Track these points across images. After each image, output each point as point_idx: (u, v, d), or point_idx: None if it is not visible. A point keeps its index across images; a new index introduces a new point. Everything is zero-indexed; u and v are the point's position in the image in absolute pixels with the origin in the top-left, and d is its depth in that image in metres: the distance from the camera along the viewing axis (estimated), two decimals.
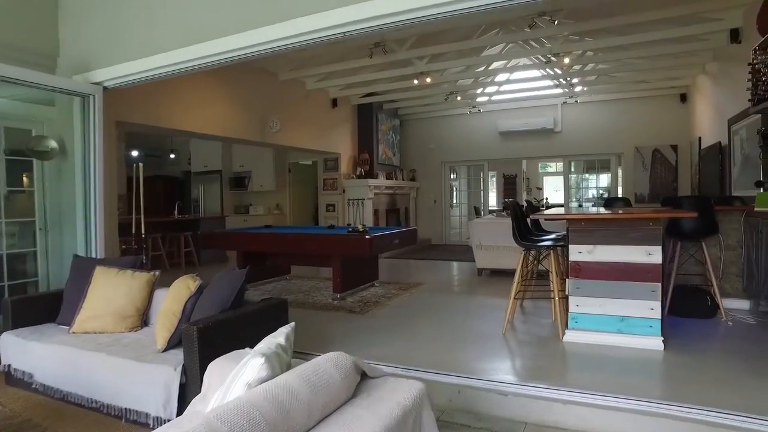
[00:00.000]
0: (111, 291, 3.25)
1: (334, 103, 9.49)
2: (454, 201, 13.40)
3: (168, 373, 2.54)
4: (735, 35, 5.88)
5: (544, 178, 17.36)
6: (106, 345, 2.93)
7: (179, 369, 2.52)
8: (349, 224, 9.51)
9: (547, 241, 4.29)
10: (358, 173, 9.74)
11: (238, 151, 10.86)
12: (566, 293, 3.78)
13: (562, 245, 4.01)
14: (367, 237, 5.08)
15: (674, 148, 9.63)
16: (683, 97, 9.47)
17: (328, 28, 3.12)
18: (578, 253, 3.70)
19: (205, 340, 2.44)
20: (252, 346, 1.70)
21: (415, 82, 7.99)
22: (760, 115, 4.69)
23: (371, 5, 2.95)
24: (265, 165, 10.52)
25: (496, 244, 6.77)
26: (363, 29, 3.10)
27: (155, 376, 2.56)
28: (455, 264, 8.52)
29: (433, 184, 11.84)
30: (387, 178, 10.59)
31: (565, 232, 3.88)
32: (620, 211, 3.96)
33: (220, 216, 10.39)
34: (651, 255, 3.48)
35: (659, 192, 9.77)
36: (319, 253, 5.71)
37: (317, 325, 4.49)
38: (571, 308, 3.74)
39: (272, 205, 10.74)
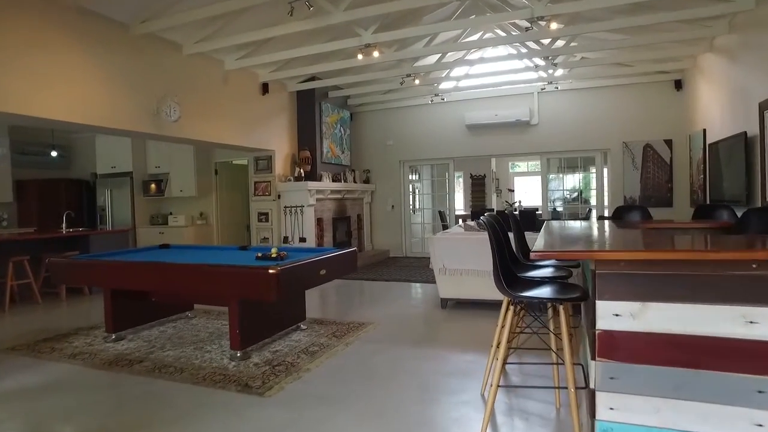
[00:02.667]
0: None
1: (265, 88, 7.69)
2: (416, 205, 11.78)
3: None
4: None
5: (515, 178, 15.96)
6: None
7: None
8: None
9: (544, 287, 2.65)
10: (296, 175, 7.97)
11: (154, 149, 8.92)
12: (590, 384, 2.14)
13: (575, 298, 2.37)
14: (271, 272, 3.33)
15: (668, 143, 8.25)
16: (678, 84, 8.10)
17: None
18: (613, 316, 2.06)
19: None
20: None
21: (360, 57, 6.28)
22: None
23: None
24: (185, 165, 8.63)
25: (463, 267, 5.13)
26: None
27: None
28: (415, 288, 6.85)
29: (391, 187, 10.18)
30: (334, 180, 8.86)
31: (582, 273, 2.25)
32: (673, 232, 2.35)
33: (129, 228, 8.44)
34: (755, 324, 1.87)
35: (652, 194, 8.38)
36: (208, 292, 3.94)
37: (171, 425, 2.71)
38: (601, 412, 2.09)
39: (195, 214, 8.85)
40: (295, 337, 4.35)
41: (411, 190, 10.52)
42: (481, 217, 2.84)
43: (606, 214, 8.74)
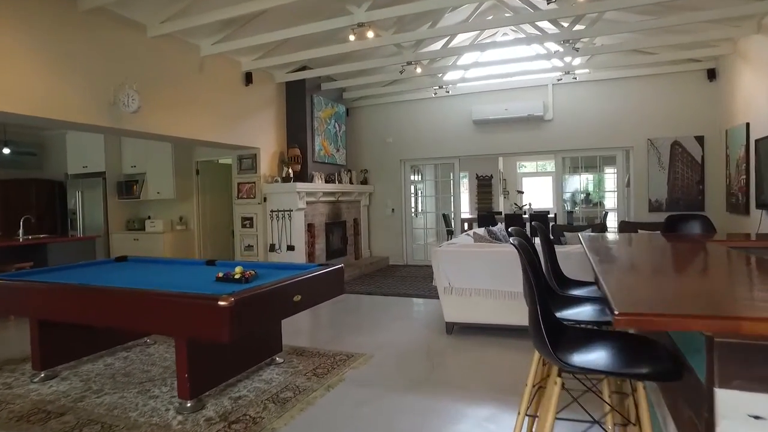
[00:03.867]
0: None
1: (248, 78, 6.86)
2: (419, 208, 10.94)
3: None
4: None
5: (523, 179, 15.09)
6: None
7: None
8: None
9: (604, 343, 1.81)
10: (284, 175, 7.14)
11: (130, 147, 8.11)
12: None
13: (665, 375, 1.51)
14: (221, 304, 2.49)
15: (699, 140, 7.38)
16: (711, 74, 7.23)
17: None
18: (749, 419, 1.22)
19: None
20: None
21: (352, 38, 5.44)
22: None
23: None
24: (162, 165, 7.81)
25: (473, 286, 4.29)
26: None
27: None
28: (417, 305, 6.00)
29: (391, 189, 9.34)
30: (327, 181, 8.03)
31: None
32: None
33: (98, 235, 7.64)
34: None
35: (680, 197, 7.52)
36: (147, 327, 3.11)
37: None
38: None
39: (175, 218, 8.03)
40: (266, 376, 3.52)
41: (413, 191, 9.68)
42: (511, 239, 1.98)
43: (631, 218, 7.87)
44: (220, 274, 3.34)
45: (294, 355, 3.99)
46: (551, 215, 10.93)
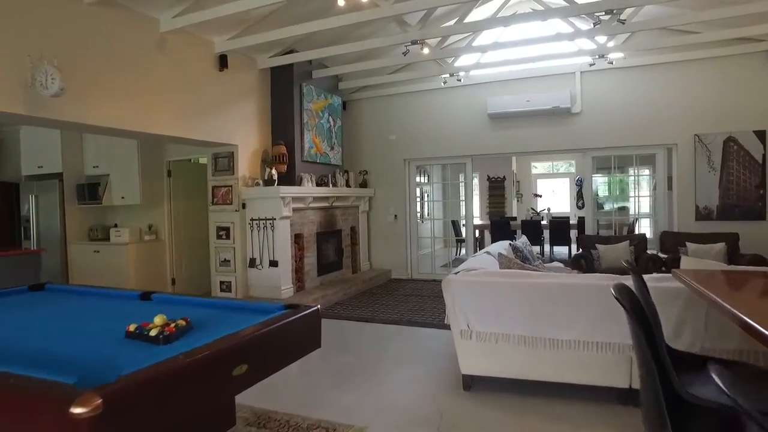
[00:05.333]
0: None
1: (223, 61, 5.76)
2: (425, 214, 9.83)
3: None
4: None
5: (538, 181, 13.93)
6: None
7: None
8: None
9: None
10: (267, 177, 6.03)
11: (92, 144, 7.03)
12: None
13: None
14: (75, 414, 1.37)
15: (760, 135, 6.23)
16: None
17: None
18: None
19: None
20: None
21: (341, 2, 4.32)
22: None
23: None
24: (127, 165, 6.72)
25: (501, 329, 3.15)
26: None
27: None
28: (425, 340, 4.87)
29: (394, 192, 8.21)
30: (319, 184, 6.92)
31: None
32: None
33: (43, 249, 6.57)
34: None
35: (736, 204, 6.36)
36: None
37: None
38: None
39: (144, 227, 6.94)
40: None
41: (418, 195, 8.56)
42: (614, 289, 0.85)
43: (673, 228, 6.72)
44: (132, 327, 2.22)
45: (254, 427, 2.87)
46: (572, 221, 9.78)
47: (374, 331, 5.07)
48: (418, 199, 8.57)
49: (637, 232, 8.53)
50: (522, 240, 5.20)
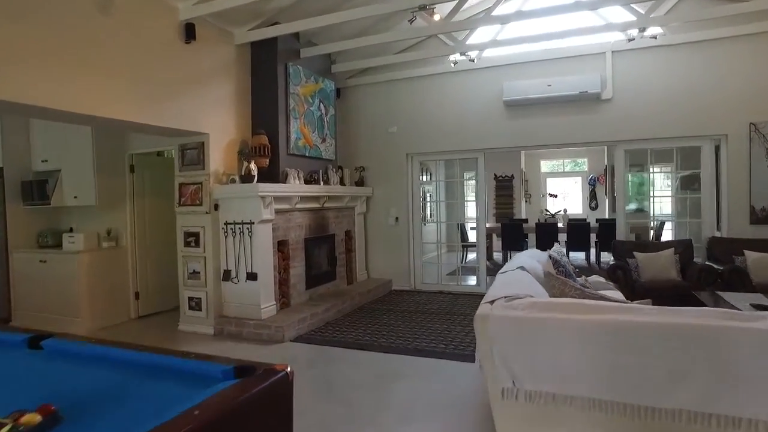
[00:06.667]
0: None
1: (190, 31, 4.74)
2: (428, 215, 8.85)
3: None
4: None
5: (548, 180, 12.96)
6: None
7: None
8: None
9: None
10: (245, 173, 5.01)
11: (42, 134, 5.98)
12: None
13: None
14: None
15: None
16: None
17: None
18: None
19: None
20: None
21: None
22: None
23: None
24: (80, 158, 5.68)
25: (562, 389, 2.15)
26: None
27: None
28: (439, 374, 3.85)
29: (395, 191, 7.21)
30: (309, 181, 5.91)
31: None
32: None
33: None
34: None
35: None
36: None
37: None
38: None
39: (103, 231, 5.89)
40: None
41: (422, 194, 7.56)
42: None
43: (723, 233, 5.75)
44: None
45: None
46: (593, 224, 8.81)
47: (372, 364, 4.05)
48: (421, 200, 7.57)
49: (670, 238, 7.57)
50: (557, 249, 4.21)
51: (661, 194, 9.73)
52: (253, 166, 5.06)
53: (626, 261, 5.60)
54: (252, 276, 4.96)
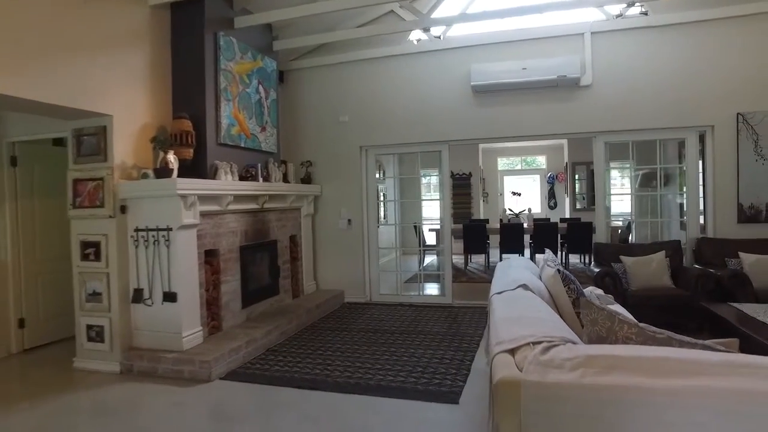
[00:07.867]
0: None
1: None
2: (382, 217, 8.01)
3: None
4: None
5: (505, 178, 12.44)
6: None
7: None
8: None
9: None
10: (161, 165, 3.93)
11: None
12: None
13: None
14: None
15: None
16: None
17: None
18: None
19: None
20: None
21: None
22: None
23: None
24: None
25: None
26: None
27: None
28: (410, 425, 2.97)
29: (348, 189, 6.29)
30: (244, 177, 4.88)
31: None
32: None
33: None
34: None
35: None
36: None
37: None
38: None
39: None
40: None
41: (377, 193, 6.70)
42: None
43: (708, 233, 5.23)
44: None
45: None
46: (561, 224, 8.26)
47: (324, 410, 3.12)
48: (376, 198, 6.69)
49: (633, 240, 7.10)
50: (549, 256, 3.45)
51: (622, 191, 9.36)
52: (171, 157, 4.00)
53: (611, 266, 4.97)
54: (170, 296, 3.89)
